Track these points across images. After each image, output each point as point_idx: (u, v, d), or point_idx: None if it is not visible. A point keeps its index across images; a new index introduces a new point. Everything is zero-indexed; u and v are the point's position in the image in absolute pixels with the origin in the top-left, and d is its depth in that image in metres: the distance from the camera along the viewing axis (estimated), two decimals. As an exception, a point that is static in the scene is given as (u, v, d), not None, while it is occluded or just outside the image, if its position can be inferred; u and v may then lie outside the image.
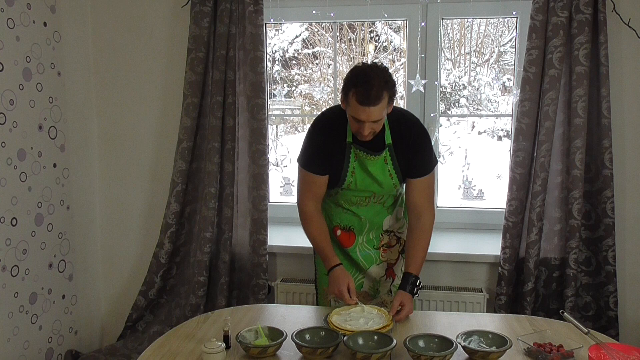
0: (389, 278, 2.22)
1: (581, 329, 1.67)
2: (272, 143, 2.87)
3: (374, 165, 2.02)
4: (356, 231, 2.18)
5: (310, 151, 2.06)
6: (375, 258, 2.20)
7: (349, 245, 2.19)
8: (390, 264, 2.22)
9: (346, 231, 2.19)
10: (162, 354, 1.68)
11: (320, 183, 2.08)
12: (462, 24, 3.37)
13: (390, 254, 2.22)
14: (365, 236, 2.19)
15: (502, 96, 3.20)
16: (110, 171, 2.99)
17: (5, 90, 2.28)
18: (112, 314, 3.07)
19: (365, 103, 1.81)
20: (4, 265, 2.29)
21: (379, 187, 2.06)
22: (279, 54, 3.23)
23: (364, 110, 1.82)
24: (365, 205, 2.14)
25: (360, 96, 1.81)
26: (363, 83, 1.81)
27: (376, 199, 2.12)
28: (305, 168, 2.08)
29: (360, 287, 2.19)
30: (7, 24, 2.28)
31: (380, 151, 2.00)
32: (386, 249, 2.21)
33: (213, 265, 2.80)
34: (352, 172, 2.04)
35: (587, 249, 2.59)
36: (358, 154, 2.01)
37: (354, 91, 1.82)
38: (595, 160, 2.52)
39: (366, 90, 1.80)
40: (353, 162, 2.03)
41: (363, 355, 1.56)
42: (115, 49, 2.90)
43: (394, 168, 2.03)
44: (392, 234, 2.22)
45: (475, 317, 1.98)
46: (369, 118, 1.84)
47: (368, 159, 2.01)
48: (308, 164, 2.07)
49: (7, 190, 2.30)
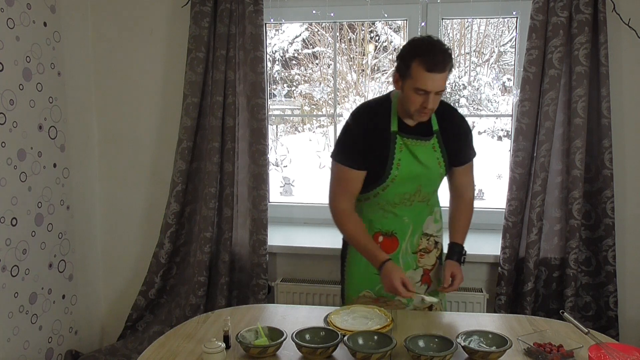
0: (424, 284, 2.08)
1: (581, 329, 1.67)
2: (272, 143, 2.87)
3: (424, 152, 1.92)
4: (399, 236, 2.02)
5: (349, 144, 1.94)
6: (412, 263, 2.05)
7: (391, 251, 2.03)
8: (426, 270, 2.08)
9: (388, 237, 2.02)
10: (162, 354, 1.68)
11: (357, 179, 1.95)
12: (462, 24, 3.36)
13: (427, 259, 2.07)
14: (409, 241, 2.04)
15: (502, 96, 3.20)
16: (110, 171, 2.99)
17: (5, 90, 2.28)
18: (112, 314, 3.07)
19: (433, 69, 1.73)
20: (4, 265, 2.29)
21: (427, 174, 1.94)
22: (279, 54, 3.23)
23: (431, 78, 1.74)
24: (409, 205, 2.00)
25: (427, 63, 1.73)
26: (429, 50, 1.75)
27: (421, 197, 1.99)
28: (341, 163, 1.95)
29: (394, 296, 2.01)
30: (7, 24, 2.28)
31: (429, 137, 1.93)
32: (423, 254, 2.07)
33: (213, 265, 2.80)
34: (397, 164, 1.90)
35: (587, 249, 2.60)
36: (405, 143, 1.90)
37: (419, 60, 1.74)
38: (595, 160, 2.52)
39: (434, 56, 1.73)
40: (399, 152, 1.90)
41: (363, 355, 1.56)
42: (115, 49, 2.90)
43: (442, 156, 1.95)
44: (431, 238, 2.08)
45: (475, 317, 1.98)
46: (436, 87, 1.75)
47: (418, 145, 1.91)
48: (345, 158, 1.94)
49: (7, 190, 2.30)
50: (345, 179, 1.96)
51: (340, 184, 1.98)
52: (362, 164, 1.93)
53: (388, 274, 1.87)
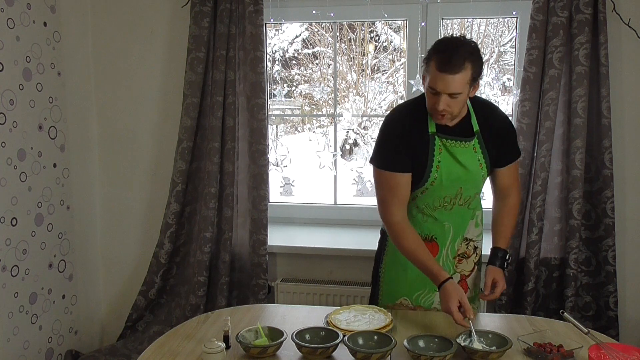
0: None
1: (581, 329, 1.67)
2: (272, 143, 2.87)
3: (464, 153, 1.83)
4: (439, 241, 1.94)
5: (390, 148, 1.84)
6: (450, 268, 1.97)
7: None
8: (463, 276, 2.00)
9: (428, 242, 1.93)
10: (162, 354, 1.68)
11: (405, 183, 1.84)
12: (462, 24, 3.37)
13: (465, 265, 2.00)
14: (450, 247, 1.95)
15: (502, 96, 3.20)
16: (110, 171, 2.99)
17: (5, 90, 2.28)
18: (112, 314, 3.07)
19: (444, 69, 1.66)
20: (4, 265, 2.29)
21: (468, 176, 1.85)
22: (279, 54, 3.23)
23: (443, 79, 1.67)
24: (449, 209, 1.91)
25: (440, 62, 1.66)
26: (446, 49, 1.68)
27: (462, 200, 1.90)
28: (385, 168, 1.84)
29: (431, 305, 1.99)
30: (7, 24, 2.27)
31: (470, 138, 1.85)
32: (462, 259, 1.99)
33: (213, 265, 2.80)
34: (437, 166, 1.82)
35: (587, 249, 2.59)
36: (445, 144, 1.82)
37: (435, 57, 1.68)
38: (595, 160, 2.52)
39: (448, 56, 1.66)
40: (438, 155, 1.82)
41: (363, 355, 1.56)
42: (115, 49, 2.90)
43: (483, 157, 1.86)
44: (471, 243, 2.00)
45: (475, 317, 1.97)
46: (446, 89, 1.68)
47: (458, 146, 1.83)
48: (389, 163, 1.83)
49: (7, 190, 2.30)
50: (392, 186, 1.85)
51: (388, 192, 1.86)
52: (407, 165, 1.83)
53: (447, 295, 1.76)
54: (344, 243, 2.79)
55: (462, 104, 1.77)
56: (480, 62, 1.74)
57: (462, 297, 1.74)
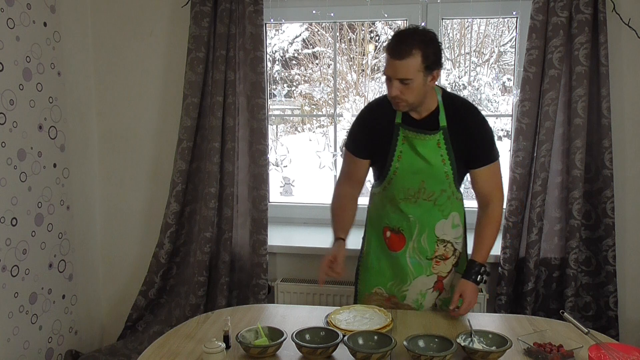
0: (436, 291, 2.05)
1: (581, 329, 1.67)
2: (272, 143, 2.87)
3: (425, 146, 1.90)
4: (406, 233, 2.01)
5: (354, 132, 2.03)
6: (426, 269, 2.02)
7: (398, 248, 2.02)
8: (440, 277, 2.04)
9: (395, 233, 2.02)
10: (162, 354, 1.68)
11: (360, 166, 2.03)
12: (462, 24, 3.37)
13: (443, 267, 2.04)
14: (416, 241, 2.00)
15: (502, 96, 3.20)
16: (110, 171, 2.99)
17: (5, 90, 2.28)
18: (112, 314, 3.07)
19: (392, 55, 1.77)
20: (4, 265, 2.29)
21: (429, 169, 1.91)
22: (279, 54, 3.23)
23: (391, 64, 1.77)
24: (414, 202, 1.97)
25: (389, 48, 1.78)
26: (397, 37, 1.79)
27: (426, 195, 1.95)
28: (348, 149, 2.04)
29: (404, 299, 2.04)
30: (7, 24, 2.27)
31: (434, 131, 1.90)
32: (439, 260, 2.02)
33: (213, 265, 2.80)
34: (398, 156, 1.92)
35: (587, 249, 2.59)
36: (407, 135, 1.91)
37: (387, 45, 1.80)
38: (595, 160, 2.52)
39: (397, 42, 1.77)
40: (400, 145, 1.92)
41: (363, 355, 1.56)
42: (115, 49, 2.90)
43: (447, 154, 1.90)
44: (449, 245, 2.03)
45: (475, 317, 1.98)
46: (395, 74, 1.77)
47: (418, 138, 1.90)
48: (351, 145, 2.03)
49: (7, 190, 2.30)
50: (348, 163, 2.06)
51: (346, 167, 2.08)
52: (363, 152, 2.00)
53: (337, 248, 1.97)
54: (344, 243, 2.78)
55: (417, 93, 1.81)
56: (435, 51, 1.79)
57: (338, 255, 1.93)
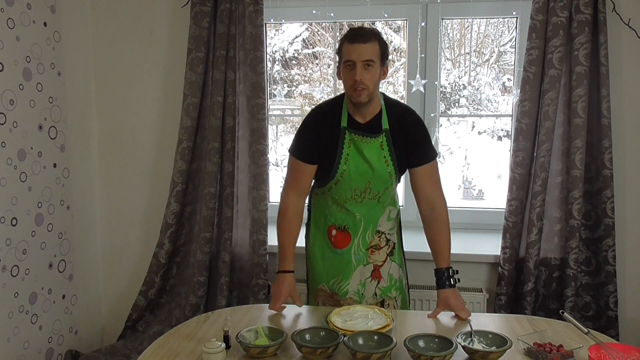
0: (374, 280, 2.14)
1: (581, 329, 1.67)
2: (272, 143, 2.87)
3: (370, 149, 1.99)
4: (351, 231, 2.11)
5: (302, 138, 2.06)
6: (363, 259, 2.13)
7: (344, 246, 2.12)
8: (376, 266, 2.14)
9: (341, 231, 2.12)
10: (162, 354, 1.68)
11: (307, 173, 2.07)
12: (462, 24, 3.36)
13: (377, 256, 2.14)
14: (361, 237, 2.12)
15: (502, 96, 3.20)
16: (110, 171, 2.99)
17: (5, 90, 2.28)
18: (112, 314, 3.07)
19: (355, 40, 1.87)
20: (4, 265, 2.29)
21: (376, 173, 2.01)
22: (279, 54, 3.23)
23: (355, 48, 1.87)
24: (360, 202, 2.07)
25: (350, 36, 1.89)
26: (353, 29, 1.94)
27: (372, 194, 2.06)
28: (294, 155, 2.07)
29: (345, 294, 2.12)
30: (7, 24, 2.27)
31: (377, 134, 1.99)
32: (374, 250, 2.13)
33: (213, 265, 2.80)
34: (345, 159, 2.00)
35: (587, 249, 2.59)
36: (353, 139, 1.99)
37: (346, 38, 1.91)
38: (595, 160, 2.52)
39: (357, 30, 1.91)
40: (347, 148, 2.00)
41: (363, 355, 1.56)
42: (115, 49, 2.90)
43: (390, 155, 2.01)
44: (383, 235, 2.14)
45: (475, 317, 1.98)
46: (360, 56, 1.86)
47: (364, 141, 1.99)
48: (297, 151, 2.06)
49: (7, 190, 2.30)
50: (295, 171, 2.08)
51: (291, 176, 2.09)
52: (312, 157, 2.04)
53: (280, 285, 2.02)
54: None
55: (375, 81, 1.92)
56: (386, 47, 1.94)
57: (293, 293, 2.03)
